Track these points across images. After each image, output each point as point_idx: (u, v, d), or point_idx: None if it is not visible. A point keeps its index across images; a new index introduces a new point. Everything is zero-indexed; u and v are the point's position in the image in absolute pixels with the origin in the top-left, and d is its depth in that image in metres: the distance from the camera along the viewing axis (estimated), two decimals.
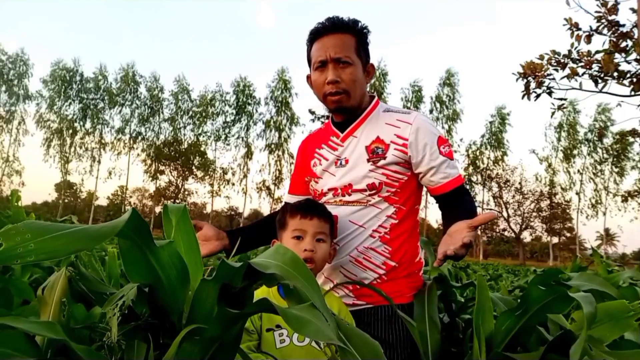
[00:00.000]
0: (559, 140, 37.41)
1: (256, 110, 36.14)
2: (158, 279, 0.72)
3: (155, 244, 0.70)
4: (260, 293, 1.17)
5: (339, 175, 1.44)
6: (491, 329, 1.19)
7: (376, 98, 1.51)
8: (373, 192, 1.38)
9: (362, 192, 1.39)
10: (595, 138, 35.22)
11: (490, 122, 37.77)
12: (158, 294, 0.74)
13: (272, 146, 35.59)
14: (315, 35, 1.42)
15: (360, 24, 1.43)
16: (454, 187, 1.38)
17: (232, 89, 36.02)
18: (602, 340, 1.12)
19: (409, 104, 35.52)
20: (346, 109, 1.44)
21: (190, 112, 37.11)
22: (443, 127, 36.39)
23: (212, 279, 0.66)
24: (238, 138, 36.27)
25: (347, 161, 1.43)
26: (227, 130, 36.36)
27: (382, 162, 1.38)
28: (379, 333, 1.33)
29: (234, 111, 35.92)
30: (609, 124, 33.92)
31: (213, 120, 36.46)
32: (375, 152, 1.39)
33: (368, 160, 1.39)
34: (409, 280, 1.41)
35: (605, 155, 36.24)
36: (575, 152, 36.98)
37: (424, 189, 1.48)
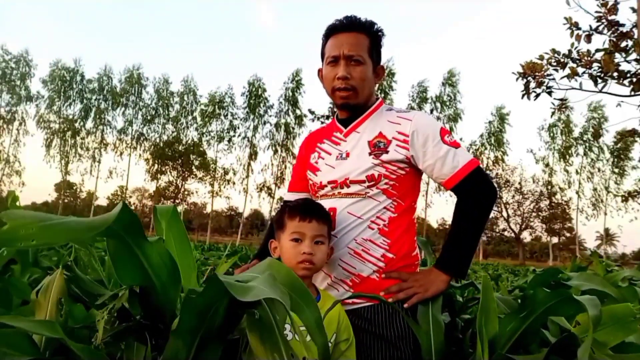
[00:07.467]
0: (553, 139, 37.26)
1: (267, 112, 35.84)
2: (149, 280, 0.71)
3: (147, 239, 0.69)
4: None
5: (339, 168, 1.46)
6: (495, 331, 1.17)
7: (380, 99, 1.55)
8: (372, 183, 1.39)
9: (360, 183, 1.40)
10: (590, 138, 35.04)
11: (490, 122, 37.66)
12: (150, 295, 0.73)
13: (277, 146, 35.31)
14: (332, 31, 1.47)
15: (376, 27, 1.48)
16: (466, 174, 1.36)
17: (247, 87, 35.52)
18: (605, 344, 1.10)
19: (413, 104, 35.40)
20: (352, 106, 1.48)
21: (195, 113, 36.96)
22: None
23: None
24: (244, 138, 36.04)
25: (347, 154, 1.46)
26: (231, 132, 36.13)
27: (384, 156, 1.40)
28: (380, 330, 1.32)
29: (246, 110, 35.54)
30: (602, 120, 33.73)
31: (219, 121, 36.25)
32: (377, 146, 1.42)
33: (370, 154, 1.41)
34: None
35: (601, 154, 36.06)
36: (571, 150, 36.81)
37: (421, 188, 1.48)
